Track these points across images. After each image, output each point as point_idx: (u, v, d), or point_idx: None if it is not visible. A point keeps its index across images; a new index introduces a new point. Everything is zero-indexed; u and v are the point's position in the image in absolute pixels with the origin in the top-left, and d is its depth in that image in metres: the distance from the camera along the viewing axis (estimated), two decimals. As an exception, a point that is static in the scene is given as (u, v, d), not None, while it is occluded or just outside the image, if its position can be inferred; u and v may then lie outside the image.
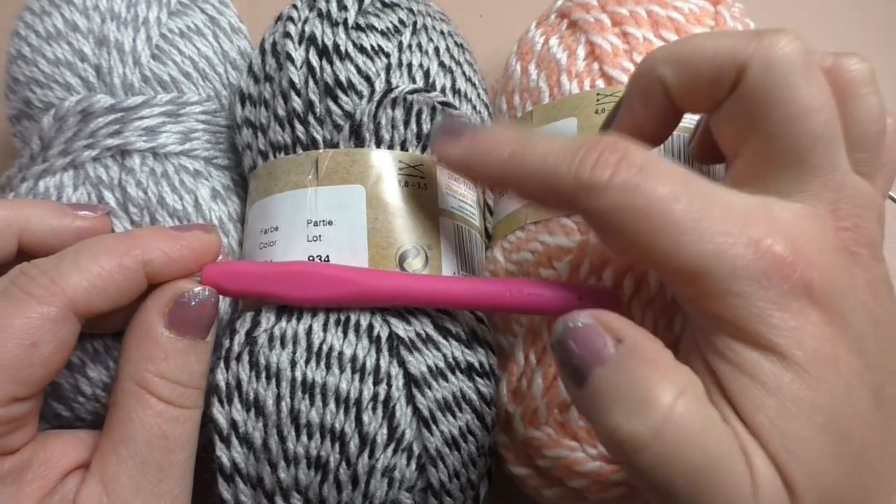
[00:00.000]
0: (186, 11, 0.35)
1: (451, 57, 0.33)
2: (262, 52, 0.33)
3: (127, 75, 0.33)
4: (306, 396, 0.27)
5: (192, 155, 0.33)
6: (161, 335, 0.25)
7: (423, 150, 0.31)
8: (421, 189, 0.30)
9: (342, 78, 0.30)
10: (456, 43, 0.34)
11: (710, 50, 0.24)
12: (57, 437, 0.26)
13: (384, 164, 0.30)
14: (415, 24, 0.32)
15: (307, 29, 0.31)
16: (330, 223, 0.29)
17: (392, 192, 0.30)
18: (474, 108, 0.33)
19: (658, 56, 0.25)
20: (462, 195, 0.32)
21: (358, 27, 0.31)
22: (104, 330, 0.28)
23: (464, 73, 0.33)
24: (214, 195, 0.33)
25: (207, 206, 0.32)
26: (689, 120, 0.29)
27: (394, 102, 0.30)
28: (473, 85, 0.34)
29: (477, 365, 0.29)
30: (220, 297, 0.27)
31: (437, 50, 0.32)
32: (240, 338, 0.28)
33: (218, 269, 0.27)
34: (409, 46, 0.31)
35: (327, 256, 0.29)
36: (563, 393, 0.28)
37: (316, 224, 0.29)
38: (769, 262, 0.21)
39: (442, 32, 0.34)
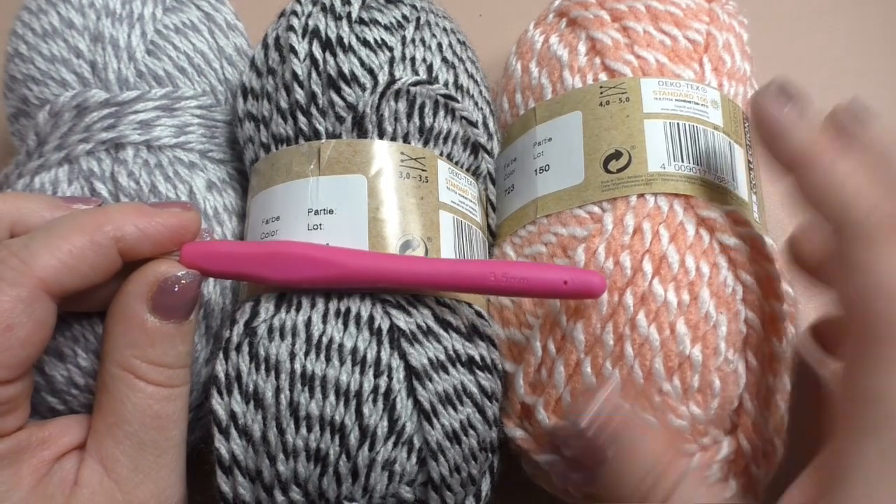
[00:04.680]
0: (182, 8, 0.36)
1: (454, 53, 0.33)
2: (265, 46, 0.33)
3: (122, 70, 0.33)
4: (306, 389, 0.27)
5: (187, 148, 0.33)
6: (146, 321, 0.25)
7: (426, 143, 0.31)
8: (422, 182, 0.30)
9: (345, 70, 0.30)
10: (458, 40, 0.34)
11: None
12: (54, 420, 0.26)
13: (386, 156, 0.30)
14: (418, 19, 0.32)
15: (310, 22, 0.31)
16: (331, 212, 0.29)
17: (393, 183, 0.30)
18: (476, 104, 0.33)
19: None
20: (463, 190, 0.32)
21: (361, 21, 0.31)
22: (86, 308, 0.27)
23: (466, 69, 0.33)
24: (210, 186, 0.33)
25: (202, 195, 0.32)
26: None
27: (397, 94, 0.30)
28: (476, 82, 0.34)
29: (478, 358, 0.29)
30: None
31: (439, 46, 0.32)
32: (239, 328, 0.28)
33: (197, 249, 0.26)
34: (413, 41, 0.32)
35: (327, 245, 0.28)
36: (586, 380, 0.28)
37: (317, 213, 0.29)
38: None
39: (444, 29, 0.34)
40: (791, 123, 0.26)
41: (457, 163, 0.32)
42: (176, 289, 0.25)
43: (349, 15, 0.31)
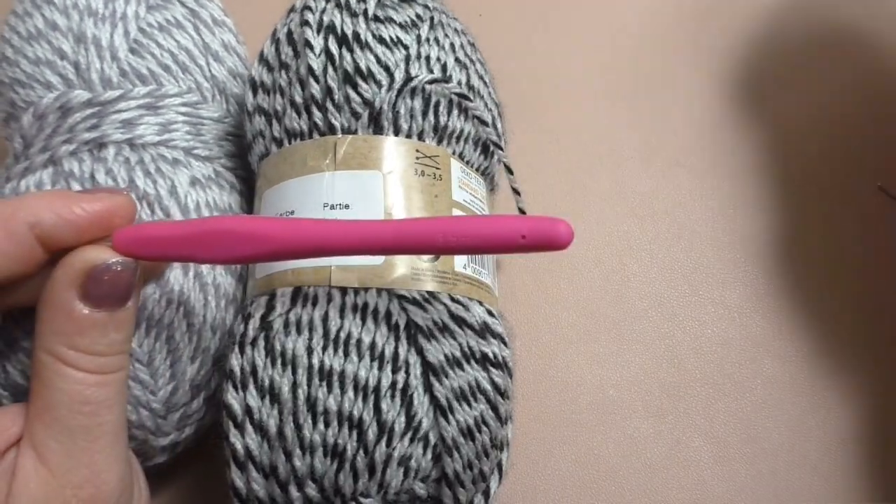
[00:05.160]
0: (166, 5, 0.35)
1: (466, 54, 0.33)
2: (276, 41, 0.33)
3: (105, 70, 0.33)
4: (324, 384, 0.27)
5: (171, 145, 0.33)
6: (73, 310, 0.23)
7: (440, 141, 0.31)
8: (436, 180, 0.30)
9: (362, 66, 0.30)
10: (469, 41, 0.35)
11: None
12: (2, 411, 0.25)
13: (402, 153, 0.30)
14: (431, 19, 0.33)
15: (325, 18, 0.31)
16: (346, 207, 0.29)
17: (409, 180, 0.30)
18: (486, 105, 0.34)
19: None
20: (473, 189, 0.32)
21: (377, 19, 0.31)
22: (23, 303, 0.26)
23: (476, 70, 0.34)
24: (193, 182, 0.32)
25: (184, 190, 0.32)
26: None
27: (413, 92, 0.30)
28: (485, 83, 0.34)
29: (491, 355, 0.29)
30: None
31: (452, 46, 0.33)
32: (255, 322, 0.28)
33: (128, 234, 0.25)
34: (427, 40, 0.32)
35: (260, 216, 0.28)
36: None
37: (332, 207, 0.29)
38: None
39: (456, 30, 0.34)
40: None
41: (468, 162, 0.33)
42: (106, 277, 0.24)
43: (365, 12, 0.31)
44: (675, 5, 0.49)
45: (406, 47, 0.31)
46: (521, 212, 0.35)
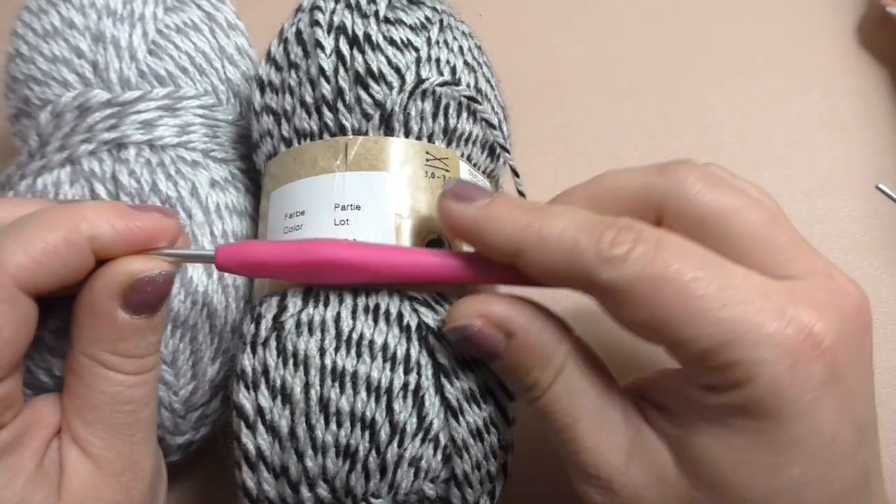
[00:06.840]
0: (182, 8, 0.36)
1: (474, 57, 0.34)
2: (284, 41, 0.33)
3: (123, 70, 0.33)
4: (336, 384, 0.27)
5: (190, 147, 0.33)
6: (117, 318, 0.24)
7: (449, 143, 0.31)
8: (446, 182, 0.30)
9: (373, 67, 0.30)
10: (476, 45, 0.35)
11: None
12: (42, 400, 0.26)
13: (412, 155, 0.30)
14: (441, 21, 0.33)
15: (336, 19, 0.31)
16: (358, 208, 0.29)
17: (419, 182, 0.30)
18: (492, 108, 0.34)
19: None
20: (480, 192, 0.33)
21: (387, 20, 0.32)
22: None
23: (484, 74, 0.34)
24: (213, 184, 0.33)
25: (205, 192, 0.32)
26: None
27: (424, 94, 0.30)
28: (492, 86, 0.35)
29: (499, 357, 0.29)
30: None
31: (461, 49, 0.33)
32: (266, 323, 0.28)
33: (234, 256, 0.26)
34: (437, 42, 0.32)
35: (354, 240, 0.28)
36: None
37: (343, 208, 0.29)
38: (796, 331, 0.22)
39: (464, 33, 0.34)
40: (494, 216, 0.25)
41: (475, 165, 0.33)
42: (150, 288, 0.25)
43: (376, 13, 0.31)
44: (676, 5, 0.49)
45: (416, 49, 0.31)
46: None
